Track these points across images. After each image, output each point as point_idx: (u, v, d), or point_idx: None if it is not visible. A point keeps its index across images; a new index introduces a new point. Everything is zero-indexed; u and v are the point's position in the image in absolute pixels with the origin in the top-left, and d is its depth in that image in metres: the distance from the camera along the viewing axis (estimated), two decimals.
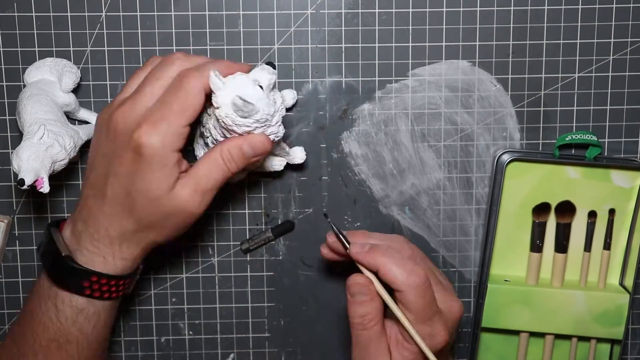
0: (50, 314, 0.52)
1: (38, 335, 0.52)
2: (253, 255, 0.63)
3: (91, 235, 0.51)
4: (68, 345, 0.52)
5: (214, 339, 0.64)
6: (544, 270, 0.62)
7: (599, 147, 0.60)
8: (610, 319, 0.61)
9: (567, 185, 0.61)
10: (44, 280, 0.53)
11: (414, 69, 0.60)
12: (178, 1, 0.59)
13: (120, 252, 0.51)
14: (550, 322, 0.61)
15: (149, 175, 0.48)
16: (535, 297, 0.61)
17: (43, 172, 0.49)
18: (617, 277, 0.62)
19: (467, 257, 0.63)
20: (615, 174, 0.61)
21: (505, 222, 0.62)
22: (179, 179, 0.49)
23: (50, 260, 0.52)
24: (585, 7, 0.59)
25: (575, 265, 0.62)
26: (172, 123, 0.48)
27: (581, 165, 0.60)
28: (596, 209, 0.61)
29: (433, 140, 0.61)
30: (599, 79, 0.61)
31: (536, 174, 0.61)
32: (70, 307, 0.52)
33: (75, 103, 0.57)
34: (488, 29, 0.60)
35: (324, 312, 0.64)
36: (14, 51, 0.59)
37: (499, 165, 0.60)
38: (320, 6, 0.59)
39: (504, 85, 0.61)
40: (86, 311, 0.52)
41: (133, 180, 0.49)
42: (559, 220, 0.61)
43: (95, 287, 0.51)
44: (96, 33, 0.59)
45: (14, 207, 0.61)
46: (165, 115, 0.48)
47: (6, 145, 0.60)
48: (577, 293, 0.61)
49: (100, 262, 0.51)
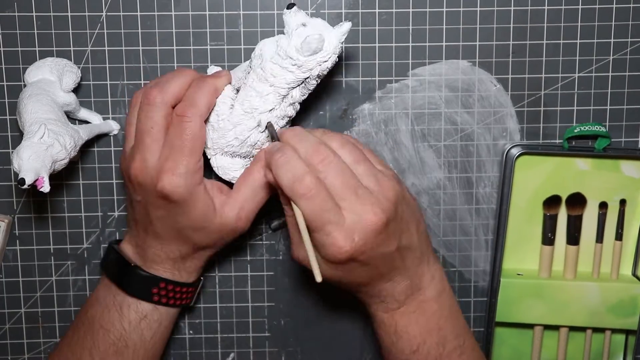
0: (114, 320, 0.54)
1: (98, 339, 0.54)
2: (253, 255, 0.63)
3: (154, 256, 0.55)
4: (125, 350, 0.54)
5: (214, 338, 0.64)
6: (556, 262, 0.62)
7: (608, 138, 0.60)
8: (624, 309, 0.61)
9: (577, 177, 0.61)
10: (106, 289, 0.56)
11: (414, 69, 0.60)
12: (178, 1, 0.59)
13: (184, 267, 0.56)
14: (564, 314, 0.61)
15: (187, 212, 0.51)
16: (548, 290, 0.61)
17: (43, 172, 0.49)
18: (629, 268, 0.63)
19: (467, 257, 0.63)
20: (625, 165, 0.61)
21: (516, 216, 0.62)
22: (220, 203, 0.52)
23: (119, 270, 0.55)
24: (585, 7, 0.59)
25: (587, 257, 0.62)
26: (187, 164, 0.50)
27: (591, 156, 0.60)
28: (607, 200, 0.61)
29: (433, 140, 0.61)
30: (599, 79, 0.61)
31: (546, 166, 0.61)
32: (135, 312, 0.55)
33: (75, 103, 0.57)
34: (488, 29, 0.60)
35: (324, 312, 0.64)
36: (14, 51, 0.59)
37: (509, 159, 0.60)
38: (320, 6, 0.59)
39: (504, 85, 0.61)
40: (150, 317, 0.55)
41: (175, 219, 0.52)
42: (569, 212, 0.61)
43: (163, 294, 0.55)
44: (96, 33, 0.59)
45: (14, 206, 0.61)
46: (178, 159, 0.50)
47: (7, 144, 0.60)
48: (590, 285, 0.61)
49: (166, 274, 0.55)
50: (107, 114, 0.60)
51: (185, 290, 0.57)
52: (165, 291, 0.55)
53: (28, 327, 0.63)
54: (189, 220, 0.52)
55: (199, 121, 0.50)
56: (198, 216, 0.52)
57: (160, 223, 0.52)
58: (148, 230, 0.54)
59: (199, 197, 0.51)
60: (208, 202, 0.52)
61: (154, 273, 0.54)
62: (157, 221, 0.52)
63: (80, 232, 0.62)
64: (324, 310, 0.64)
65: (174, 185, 0.50)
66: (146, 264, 0.55)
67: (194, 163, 0.50)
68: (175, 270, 0.55)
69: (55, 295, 0.63)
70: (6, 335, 0.63)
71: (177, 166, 0.50)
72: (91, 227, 0.62)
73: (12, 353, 0.63)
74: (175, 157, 0.50)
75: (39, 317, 0.63)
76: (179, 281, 0.56)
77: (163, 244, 0.54)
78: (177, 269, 0.55)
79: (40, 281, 0.62)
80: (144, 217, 0.53)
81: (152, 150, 0.51)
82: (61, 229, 0.62)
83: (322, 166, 0.47)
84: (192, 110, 0.50)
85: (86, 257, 0.62)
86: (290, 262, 0.63)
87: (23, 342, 0.63)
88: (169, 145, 0.50)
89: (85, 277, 0.62)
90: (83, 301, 0.62)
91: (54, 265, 0.62)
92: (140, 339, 0.55)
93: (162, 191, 0.50)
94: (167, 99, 0.51)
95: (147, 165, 0.51)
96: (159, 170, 0.50)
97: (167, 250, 0.54)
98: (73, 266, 0.62)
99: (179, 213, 0.51)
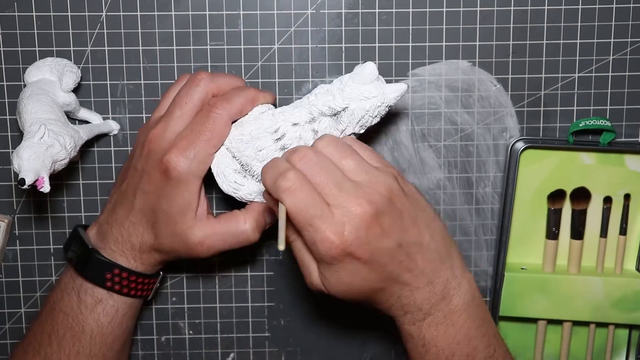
0: (72, 304, 0.55)
1: (57, 323, 0.55)
2: (253, 255, 0.63)
3: (115, 238, 0.55)
4: (82, 335, 0.55)
5: (214, 339, 0.64)
6: (560, 257, 0.63)
7: (613, 132, 0.60)
8: (628, 304, 0.61)
9: (581, 172, 0.61)
10: (68, 275, 0.56)
11: (414, 69, 0.60)
12: (178, 1, 0.59)
13: (140, 258, 0.55)
14: (567, 309, 0.61)
15: (173, 197, 0.52)
16: (552, 285, 0.61)
17: (43, 172, 0.49)
18: (633, 262, 0.63)
19: (467, 257, 0.63)
20: (630, 159, 0.61)
21: (521, 210, 0.62)
22: (201, 218, 0.53)
23: (77, 253, 0.55)
24: (585, 7, 0.59)
25: (591, 252, 0.62)
26: (199, 151, 0.52)
27: (595, 151, 0.60)
28: (611, 194, 0.61)
29: (433, 140, 0.61)
30: (599, 79, 0.61)
31: (550, 161, 0.61)
32: (92, 297, 0.55)
33: (75, 103, 0.57)
34: (488, 29, 0.60)
35: (324, 312, 0.64)
36: (14, 51, 0.59)
37: (514, 153, 0.60)
38: (320, 6, 0.59)
39: (504, 85, 0.61)
40: (105, 303, 0.55)
41: (158, 199, 0.52)
42: (574, 206, 0.62)
43: (117, 280, 0.54)
44: (96, 33, 0.59)
45: (14, 206, 0.61)
46: (193, 142, 0.52)
47: (6, 145, 0.60)
48: (594, 279, 0.61)
49: (122, 260, 0.55)
50: (107, 114, 0.60)
51: (140, 280, 0.56)
52: (119, 278, 0.54)
53: (28, 328, 0.63)
54: (169, 205, 0.52)
55: (226, 117, 0.52)
56: (179, 206, 0.52)
57: (143, 197, 0.53)
58: (125, 202, 0.54)
59: (190, 188, 0.52)
60: (194, 201, 0.52)
61: (109, 258, 0.54)
62: (141, 194, 0.53)
63: None
64: (324, 310, 0.64)
65: (179, 163, 0.51)
66: (105, 245, 0.55)
67: (205, 153, 0.52)
68: (132, 258, 0.55)
69: None
70: (6, 335, 0.63)
71: (189, 148, 0.51)
72: None
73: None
74: (190, 139, 0.51)
75: None
76: (135, 270, 0.55)
77: (133, 222, 0.54)
78: (133, 258, 0.55)
79: (40, 281, 0.62)
80: (131, 188, 0.54)
81: (177, 123, 0.52)
82: (61, 229, 0.62)
83: (303, 163, 0.46)
84: (225, 105, 0.52)
85: None
86: (290, 262, 0.63)
87: None
88: (190, 127, 0.52)
89: None
90: None
91: (54, 265, 0.62)
92: (97, 324, 0.55)
93: (166, 164, 0.51)
94: (211, 87, 0.53)
95: (165, 135, 0.52)
96: (171, 144, 0.52)
97: (133, 230, 0.54)
98: None
99: (165, 194, 0.52)
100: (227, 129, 0.53)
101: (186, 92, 0.53)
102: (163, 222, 0.53)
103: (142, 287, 0.56)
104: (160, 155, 0.52)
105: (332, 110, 0.51)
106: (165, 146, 0.52)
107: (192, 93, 0.53)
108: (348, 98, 0.51)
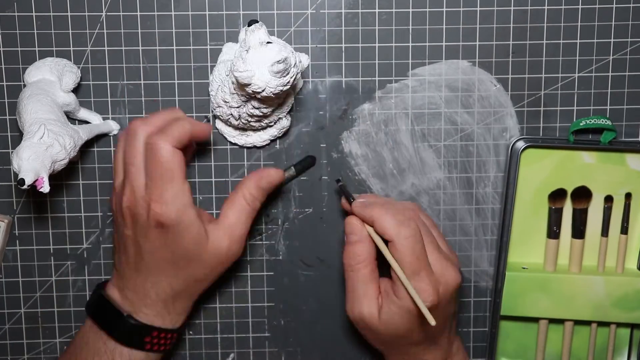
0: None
1: None
2: (253, 255, 0.63)
3: (143, 301, 0.54)
4: None
5: (214, 339, 0.64)
6: (561, 256, 0.63)
7: (613, 131, 0.60)
8: (629, 303, 0.61)
9: (582, 171, 0.61)
10: (95, 334, 0.55)
11: (414, 68, 0.60)
12: (178, 1, 0.59)
13: (174, 308, 0.55)
14: (569, 308, 0.61)
15: (181, 239, 0.52)
16: (553, 284, 0.61)
17: (43, 172, 0.49)
18: (635, 261, 0.62)
19: (467, 257, 0.63)
20: (631, 158, 0.61)
21: (522, 210, 0.62)
22: (211, 230, 0.53)
23: (108, 318, 0.55)
24: (585, 7, 0.59)
25: (592, 251, 0.62)
26: (170, 189, 0.50)
27: (596, 150, 0.60)
28: (612, 193, 0.61)
29: (433, 140, 0.61)
30: (599, 79, 0.61)
31: (551, 160, 0.61)
32: (128, 359, 0.55)
33: (75, 103, 0.57)
34: (488, 29, 0.60)
35: (324, 312, 0.64)
36: (14, 51, 0.59)
37: (514, 152, 0.60)
38: (320, 6, 0.59)
39: (504, 85, 0.61)
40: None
41: (168, 249, 0.52)
42: (575, 206, 0.62)
43: (155, 341, 0.55)
44: (96, 33, 0.59)
45: (14, 207, 0.61)
46: (159, 187, 0.50)
47: (6, 145, 0.60)
48: (595, 278, 0.61)
49: (158, 321, 0.55)
50: (106, 114, 0.60)
51: (170, 336, 0.56)
52: (157, 339, 0.55)
53: (28, 328, 0.63)
54: (182, 248, 0.52)
55: (169, 147, 0.50)
56: (191, 243, 0.52)
57: (153, 256, 0.52)
58: (139, 268, 0.53)
59: (191, 221, 0.51)
60: (200, 228, 0.52)
61: (144, 321, 0.54)
62: (149, 255, 0.52)
63: (80, 232, 0.62)
64: (324, 310, 0.64)
65: (165, 212, 0.50)
66: (135, 308, 0.54)
67: (177, 188, 0.51)
68: (166, 312, 0.55)
69: (55, 296, 0.63)
70: (6, 336, 0.63)
71: (162, 193, 0.50)
72: (91, 227, 0.62)
73: (11, 353, 0.63)
74: (157, 185, 0.50)
75: (39, 317, 0.63)
76: (169, 328, 0.55)
77: (154, 282, 0.53)
78: (167, 311, 0.55)
79: (40, 281, 0.62)
80: (134, 254, 0.53)
81: (138, 179, 0.51)
82: (61, 229, 0.62)
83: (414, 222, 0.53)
84: (162, 137, 0.50)
85: (86, 257, 0.62)
86: (290, 262, 0.63)
87: (23, 342, 0.63)
88: (148, 175, 0.51)
89: (85, 278, 0.62)
90: (83, 301, 0.62)
91: (53, 265, 0.62)
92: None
93: (154, 218, 0.51)
94: (148, 129, 0.52)
95: (136, 195, 0.51)
96: (147, 200, 0.51)
97: (158, 289, 0.54)
98: (73, 266, 0.62)
99: (172, 241, 0.51)
100: (177, 156, 0.51)
101: (130, 147, 0.52)
102: (186, 263, 0.53)
103: (171, 341, 0.57)
104: (145, 215, 0.51)
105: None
106: (144, 204, 0.51)
107: (135, 144, 0.52)
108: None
